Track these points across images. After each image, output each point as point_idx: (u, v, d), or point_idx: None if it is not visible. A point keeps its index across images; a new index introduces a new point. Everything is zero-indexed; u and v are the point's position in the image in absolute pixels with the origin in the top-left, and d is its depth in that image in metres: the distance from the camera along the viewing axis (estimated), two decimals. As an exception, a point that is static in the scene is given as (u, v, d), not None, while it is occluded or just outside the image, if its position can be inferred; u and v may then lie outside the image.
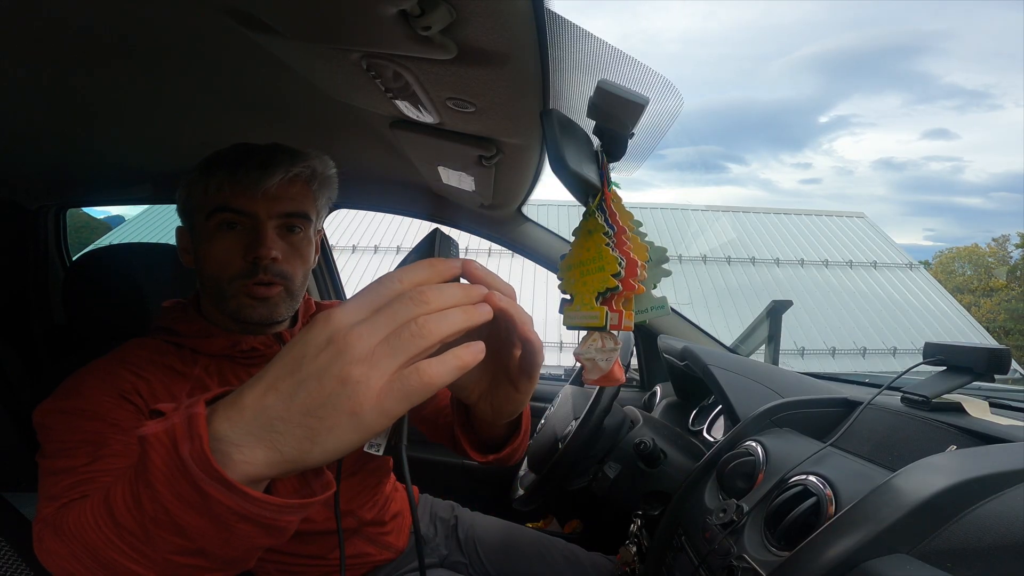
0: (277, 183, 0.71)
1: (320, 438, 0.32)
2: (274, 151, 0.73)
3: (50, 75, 0.68)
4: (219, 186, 0.71)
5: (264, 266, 0.72)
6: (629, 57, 0.50)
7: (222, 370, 0.74)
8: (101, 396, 0.64)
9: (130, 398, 0.66)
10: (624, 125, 0.57)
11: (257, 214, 0.72)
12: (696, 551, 0.70)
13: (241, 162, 0.71)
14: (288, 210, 0.74)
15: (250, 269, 0.72)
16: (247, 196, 0.71)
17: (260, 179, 0.70)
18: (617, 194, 0.67)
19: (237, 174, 0.70)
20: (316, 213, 0.79)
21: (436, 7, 0.40)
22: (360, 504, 0.84)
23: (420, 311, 0.34)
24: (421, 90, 0.58)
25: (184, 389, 0.71)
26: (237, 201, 0.71)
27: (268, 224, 0.73)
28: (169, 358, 0.73)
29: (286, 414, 0.33)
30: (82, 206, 1.54)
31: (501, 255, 7.88)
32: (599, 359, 0.67)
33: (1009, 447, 0.55)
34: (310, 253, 0.78)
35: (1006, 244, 21.13)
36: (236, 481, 0.33)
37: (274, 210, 0.73)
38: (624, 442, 1.00)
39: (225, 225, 0.72)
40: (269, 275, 0.73)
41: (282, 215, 0.74)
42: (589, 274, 0.64)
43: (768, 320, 1.60)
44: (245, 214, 0.72)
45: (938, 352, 0.74)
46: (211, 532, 0.35)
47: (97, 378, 0.67)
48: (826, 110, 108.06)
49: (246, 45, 0.58)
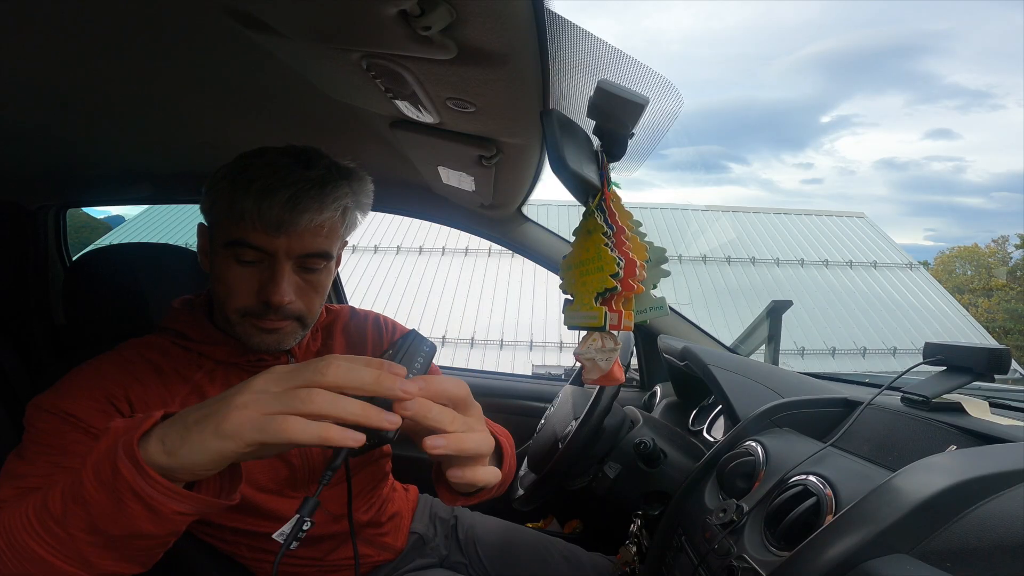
0: (315, 222, 0.66)
1: (189, 439, 0.41)
2: (307, 188, 0.66)
3: (50, 75, 0.68)
4: (241, 216, 0.65)
5: (275, 307, 0.68)
6: (629, 57, 0.50)
7: (228, 376, 0.74)
8: (88, 401, 0.64)
9: (117, 404, 0.66)
10: (624, 125, 0.57)
11: (276, 253, 0.67)
12: (696, 551, 0.70)
13: (268, 194, 0.64)
14: (310, 251, 0.68)
15: (261, 309, 0.68)
16: (268, 235, 0.66)
17: (288, 221, 0.65)
18: (617, 194, 0.67)
19: (262, 209, 0.64)
20: (341, 240, 0.75)
21: (436, 7, 0.40)
22: (356, 507, 0.83)
23: (319, 380, 0.40)
24: (421, 90, 0.58)
25: (182, 392, 0.70)
26: (257, 238, 0.66)
27: (286, 265, 0.68)
28: (174, 361, 0.72)
29: (183, 421, 0.42)
30: (82, 206, 1.54)
31: (501, 255, 7.89)
32: (599, 359, 0.67)
33: (1009, 447, 0.55)
34: (328, 282, 0.74)
35: (1006, 244, 21.15)
36: (143, 460, 0.41)
37: (295, 250, 0.67)
38: (624, 442, 1.00)
39: (242, 260, 0.67)
40: (280, 316, 0.69)
41: (302, 255, 0.68)
42: (588, 274, 0.64)
43: (768, 320, 1.60)
44: (263, 251, 0.67)
45: (938, 352, 0.74)
46: (107, 505, 0.42)
47: (91, 380, 0.67)
48: (828, 110, 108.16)
49: (246, 45, 0.58)
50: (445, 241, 8.12)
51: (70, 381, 0.66)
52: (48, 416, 0.62)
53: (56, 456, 0.60)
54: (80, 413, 0.63)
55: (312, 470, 0.77)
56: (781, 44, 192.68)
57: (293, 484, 0.76)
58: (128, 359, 0.71)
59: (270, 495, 0.74)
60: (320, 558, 0.80)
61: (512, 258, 7.72)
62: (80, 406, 0.63)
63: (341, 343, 0.87)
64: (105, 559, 0.45)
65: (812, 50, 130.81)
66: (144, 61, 0.66)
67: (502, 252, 7.65)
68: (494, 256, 7.98)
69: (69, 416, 0.62)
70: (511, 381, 1.63)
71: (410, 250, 8.21)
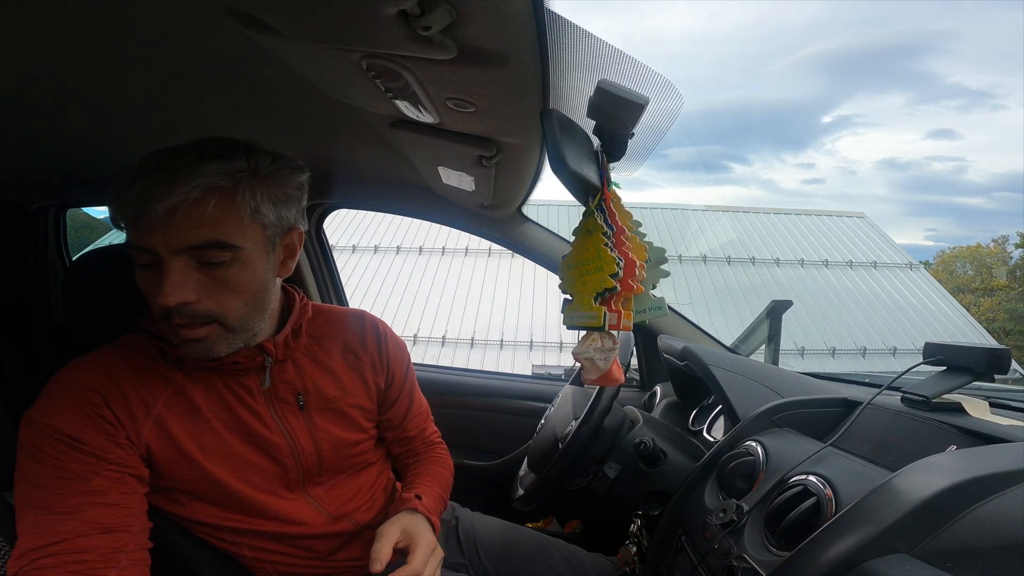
0: (179, 209, 0.58)
1: None
2: (157, 175, 0.58)
3: (50, 75, 0.68)
4: (124, 213, 0.60)
5: (177, 310, 0.61)
6: (629, 57, 0.50)
7: (208, 377, 0.71)
8: (80, 419, 0.63)
9: (100, 413, 0.65)
10: (624, 125, 0.57)
11: (158, 250, 0.60)
12: (696, 551, 0.70)
13: (122, 191, 0.58)
14: (193, 242, 0.60)
15: (163, 312, 0.62)
16: (145, 229, 0.59)
17: (143, 214, 0.58)
18: (617, 194, 0.67)
19: (120, 206, 0.59)
20: (261, 228, 0.65)
21: (436, 7, 0.40)
22: (357, 507, 0.83)
23: None
24: (421, 90, 0.58)
25: (164, 393, 0.69)
26: (136, 237, 0.60)
27: (172, 263, 0.60)
28: (154, 361, 0.70)
29: None
30: (82, 206, 1.54)
31: (501, 255, 7.89)
32: (598, 359, 0.67)
33: (1009, 447, 0.55)
34: (250, 280, 0.66)
35: (1006, 244, 21.14)
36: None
37: (173, 244, 0.59)
38: (624, 442, 1.00)
39: (139, 262, 0.63)
40: (185, 318, 0.62)
41: (189, 248, 0.60)
42: (588, 274, 0.64)
43: (768, 320, 1.60)
44: (147, 251, 0.60)
45: (938, 352, 0.74)
46: None
47: (75, 392, 0.65)
48: (829, 110, 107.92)
49: (246, 45, 0.58)
50: (445, 241, 8.12)
51: (56, 394, 0.65)
52: (50, 440, 0.62)
53: (74, 483, 0.61)
54: (80, 435, 0.63)
55: (306, 471, 0.77)
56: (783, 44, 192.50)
57: (288, 485, 0.76)
58: (105, 362, 0.68)
59: (267, 495, 0.74)
60: (323, 557, 0.80)
61: (512, 258, 7.72)
62: (77, 427, 0.63)
63: (336, 351, 0.82)
64: None
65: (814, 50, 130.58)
66: (144, 61, 0.66)
67: (502, 252, 7.65)
68: (494, 256, 7.98)
69: (73, 440, 0.62)
70: (511, 381, 1.63)
71: (410, 250, 8.21)
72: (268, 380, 0.74)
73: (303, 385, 0.77)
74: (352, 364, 0.83)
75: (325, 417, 0.78)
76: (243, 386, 0.73)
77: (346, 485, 0.83)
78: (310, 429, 0.77)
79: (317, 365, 0.79)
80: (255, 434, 0.73)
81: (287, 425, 0.75)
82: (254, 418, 0.73)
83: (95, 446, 0.63)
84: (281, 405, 0.75)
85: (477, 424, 1.52)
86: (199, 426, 0.70)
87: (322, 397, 0.78)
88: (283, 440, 0.74)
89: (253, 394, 0.73)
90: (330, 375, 0.80)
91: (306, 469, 0.77)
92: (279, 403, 0.75)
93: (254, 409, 0.73)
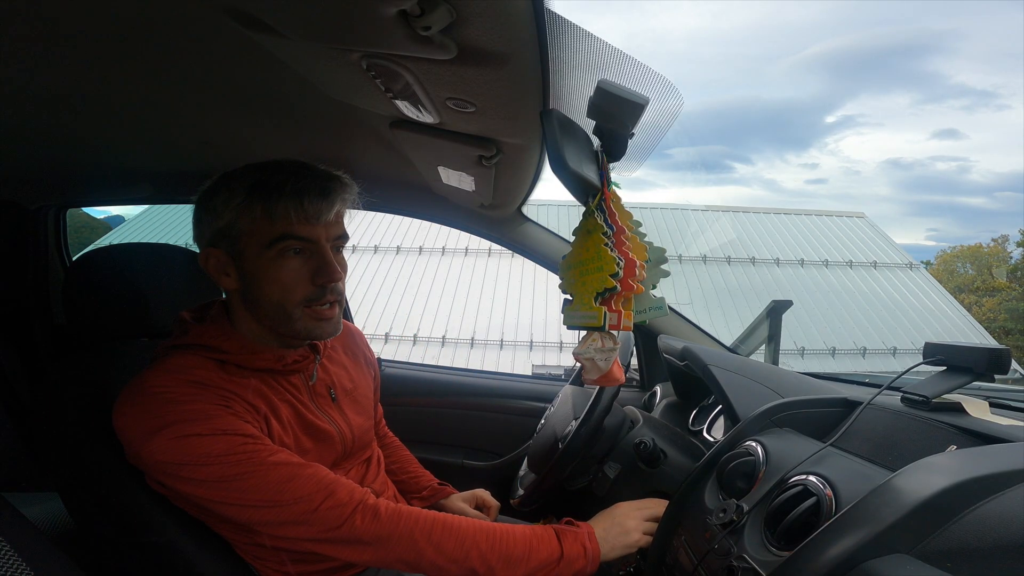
0: (332, 213, 0.75)
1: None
2: (327, 179, 0.76)
3: (50, 75, 0.69)
4: (284, 214, 0.72)
5: (333, 288, 0.77)
6: (629, 57, 0.51)
7: (266, 381, 0.77)
8: (220, 411, 0.68)
9: (232, 405, 0.70)
10: (624, 125, 0.57)
11: (319, 240, 0.75)
12: (696, 551, 0.70)
13: (304, 191, 0.73)
14: (339, 233, 0.79)
15: (318, 292, 0.76)
16: (311, 225, 0.74)
17: (324, 209, 0.74)
18: (617, 194, 0.67)
19: (304, 203, 0.73)
20: None
21: (436, 7, 0.40)
22: (376, 487, 0.89)
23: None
24: (421, 90, 0.58)
25: (227, 402, 0.70)
26: (303, 229, 0.74)
27: (328, 249, 0.77)
28: (212, 374, 0.72)
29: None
30: (82, 206, 1.54)
31: (501, 255, 7.89)
32: (598, 359, 0.67)
33: (1009, 447, 0.55)
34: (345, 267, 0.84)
35: (1006, 243, 21.14)
36: None
37: (331, 235, 0.77)
38: (624, 442, 1.00)
39: (291, 252, 0.74)
40: (334, 295, 0.78)
41: (335, 238, 0.78)
42: (588, 274, 0.65)
43: (768, 320, 1.60)
44: (307, 240, 0.75)
45: (938, 352, 0.74)
46: None
47: (197, 397, 0.68)
48: (833, 110, 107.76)
49: (246, 45, 0.58)
50: (445, 241, 8.11)
51: (177, 410, 0.67)
52: (204, 439, 0.66)
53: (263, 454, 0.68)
54: (229, 426, 0.68)
55: (345, 455, 0.85)
56: (786, 44, 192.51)
57: (331, 469, 0.79)
58: (190, 377, 0.70)
59: None
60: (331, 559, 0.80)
61: (512, 258, 7.72)
62: (223, 422, 0.68)
63: (339, 348, 0.93)
64: None
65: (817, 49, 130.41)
66: (144, 61, 0.66)
67: (502, 252, 7.64)
68: (494, 256, 7.98)
69: (222, 431, 0.67)
70: (511, 381, 1.63)
71: (410, 250, 8.20)
72: (315, 376, 0.83)
73: (330, 380, 0.86)
74: (353, 359, 0.94)
75: (349, 406, 0.88)
76: (292, 384, 0.80)
77: (357, 471, 0.89)
78: (343, 418, 0.86)
79: (332, 361, 0.89)
80: (313, 426, 0.80)
81: (330, 415, 0.84)
82: (308, 412, 0.80)
83: (243, 431, 0.69)
84: (319, 399, 0.84)
85: (477, 424, 1.52)
86: (282, 426, 0.76)
87: (343, 389, 0.88)
88: (333, 428, 0.82)
89: (301, 391, 0.81)
90: (343, 369, 0.90)
91: (345, 453, 0.85)
92: (318, 397, 0.84)
93: (306, 404, 0.81)
